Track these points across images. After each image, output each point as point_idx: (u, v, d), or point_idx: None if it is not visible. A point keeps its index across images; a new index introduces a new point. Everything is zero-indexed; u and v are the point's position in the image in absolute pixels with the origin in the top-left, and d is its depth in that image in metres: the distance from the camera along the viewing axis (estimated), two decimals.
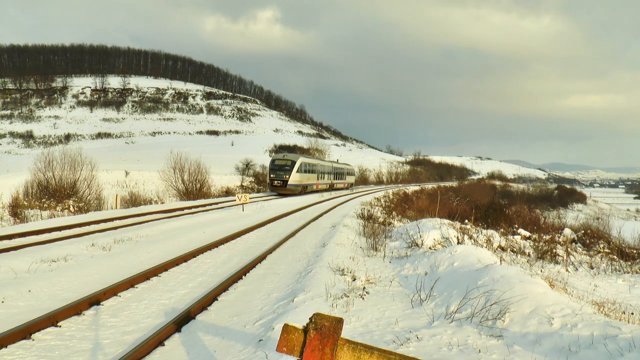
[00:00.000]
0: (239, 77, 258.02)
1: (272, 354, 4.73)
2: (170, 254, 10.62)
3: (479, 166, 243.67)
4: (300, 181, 37.91)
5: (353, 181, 66.83)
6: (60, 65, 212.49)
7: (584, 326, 5.30)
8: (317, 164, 44.60)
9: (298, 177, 37.33)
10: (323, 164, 47.66)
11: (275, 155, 41.53)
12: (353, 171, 67.58)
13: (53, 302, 6.72)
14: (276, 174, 36.80)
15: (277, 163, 37.69)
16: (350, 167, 65.26)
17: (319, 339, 2.31)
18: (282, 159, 38.30)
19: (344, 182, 58.79)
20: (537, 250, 12.80)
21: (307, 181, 40.29)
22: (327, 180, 48.50)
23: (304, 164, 39.39)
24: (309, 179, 40.73)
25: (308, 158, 43.12)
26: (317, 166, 44.33)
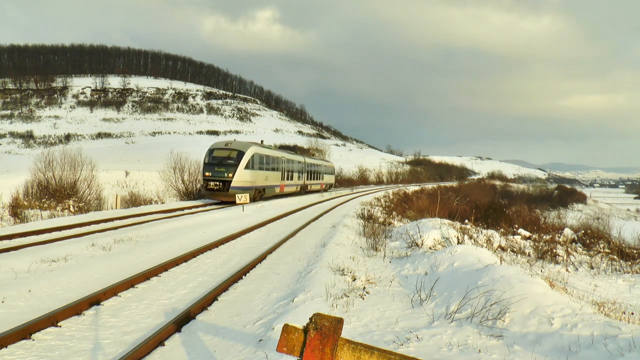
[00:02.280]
0: (239, 77, 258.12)
1: (272, 354, 4.73)
2: (171, 254, 10.62)
3: (479, 166, 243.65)
4: (252, 182, 26.30)
5: (333, 181, 56.62)
6: (60, 65, 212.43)
7: (584, 326, 5.30)
8: (281, 158, 32.85)
9: (248, 176, 25.79)
10: (291, 159, 35.92)
11: (216, 143, 27.56)
12: (332, 169, 56.59)
13: (53, 302, 6.72)
14: (214, 170, 24.90)
15: (217, 155, 25.77)
16: (328, 163, 54.05)
17: (319, 339, 2.31)
18: (224, 148, 26.12)
19: (321, 182, 47.88)
20: (537, 250, 12.80)
21: (265, 182, 28.67)
22: (296, 181, 37.40)
23: (259, 156, 27.60)
24: (268, 179, 29.41)
25: (266, 149, 30.17)
26: (280, 161, 32.45)
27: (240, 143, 27.24)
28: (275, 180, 31.35)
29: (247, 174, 25.67)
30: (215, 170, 24.96)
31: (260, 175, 27.65)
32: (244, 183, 25.27)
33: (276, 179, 31.45)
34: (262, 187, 28.37)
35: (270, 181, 30.14)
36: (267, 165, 29.11)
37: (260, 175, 27.80)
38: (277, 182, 31.76)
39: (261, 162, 28.02)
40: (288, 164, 34.72)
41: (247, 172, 25.72)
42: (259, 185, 27.65)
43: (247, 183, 25.65)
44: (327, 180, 51.08)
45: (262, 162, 28.31)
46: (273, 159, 30.74)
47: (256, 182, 27.02)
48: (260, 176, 27.79)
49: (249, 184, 25.88)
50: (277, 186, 31.79)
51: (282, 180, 32.90)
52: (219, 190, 24.58)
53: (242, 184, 25.15)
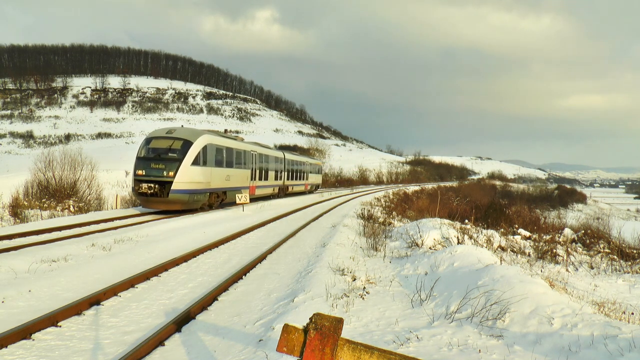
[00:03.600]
0: (239, 77, 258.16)
1: (272, 354, 4.73)
2: (171, 254, 10.62)
3: (479, 166, 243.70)
4: (205, 182, 19.65)
5: (319, 182, 50.23)
6: (60, 65, 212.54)
7: (584, 326, 5.30)
8: (250, 152, 25.99)
9: (199, 175, 19.15)
10: (265, 153, 29.29)
11: (155, 131, 20.86)
12: (319, 168, 50.05)
13: (53, 302, 6.72)
14: (148, 168, 18.47)
15: (155, 146, 19.16)
16: (314, 161, 47.76)
17: (319, 339, 2.31)
18: (164, 137, 19.46)
19: (305, 183, 41.72)
20: (537, 250, 12.80)
21: (226, 182, 22.17)
22: (272, 181, 31.06)
23: (215, 148, 20.84)
24: (231, 179, 22.87)
25: (226, 139, 22.95)
26: (249, 156, 25.75)
27: (187, 130, 20.35)
28: (242, 180, 24.72)
29: (196, 172, 18.88)
30: (151, 168, 18.32)
31: (218, 174, 21.04)
32: (191, 184, 18.64)
33: (243, 178, 24.88)
34: (221, 189, 21.80)
35: (234, 182, 23.45)
36: (228, 161, 22.58)
37: (219, 173, 21.16)
38: (245, 183, 25.25)
39: (219, 157, 21.30)
40: (261, 161, 28.27)
41: (197, 169, 18.94)
42: (216, 187, 21.03)
43: (197, 184, 19.03)
44: (312, 181, 45.14)
45: (221, 156, 21.56)
46: (238, 153, 24.10)
47: (212, 183, 20.40)
48: (219, 175, 21.16)
49: (200, 186, 19.32)
50: (245, 188, 25.17)
51: (252, 180, 26.47)
52: (154, 195, 17.95)
53: (189, 185, 18.52)
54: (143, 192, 18.15)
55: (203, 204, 20.28)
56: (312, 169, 44.99)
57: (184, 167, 18.41)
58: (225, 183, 22.09)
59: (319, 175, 49.50)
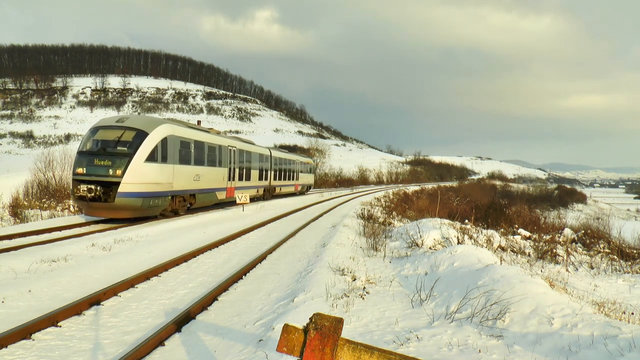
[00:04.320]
0: (239, 77, 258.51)
1: (272, 354, 4.73)
2: (171, 254, 10.63)
3: (479, 166, 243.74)
4: (165, 183, 16.34)
5: (311, 182, 46.59)
6: (60, 65, 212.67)
7: (584, 326, 5.30)
8: (227, 148, 22.22)
9: (156, 174, 15.78)
10: (246, 149, 25.29)
11: (102, 120, 17.21)
12: (311, 167, 45.94)
13: (53, 302, 6.72)
14: (91, 165, 15.05)
15: (101, 137, 15.72)
16: (305, 159, 43.70)
17: (319, 339, 2.31)
18: (113, 126, 15.92)
19: (295, 183, 38.11)
20: (537, 250, 12.80)
21: (194, 183, 18.75)
22: (256, 182, 27.33)
23: (179, 141, 17.38)
24: (202, 179, 19.35)
25: (194, 130, 19.20)
26: (225, 152, 21.98)
27: (143, 118, 17.04)
28: (217, 180, 20.95)
29: (152, 170, 15.40)
30: (94, 165, 14.79)
31: (183, 173, 17.46)
32: (145, 186, 15.15)
33: (218, 178, 21.09)
34: (188, 191, 18.27)
35: (206, 182, 19.81)
36: (198, 158, 18.89)
37: (184, 172, 17.58)
38: (221, 184, 21.46)
39: (185, 152, 17.70)
40: (241, 158, 24.43)
41: (153, 167, 15.44)
42: (180, 189, 17.50)
43: (154, 185, 15.56)
44: (303, 181, 41.34)
45: (188, 151, 17.95)
46: (211, 149, 20.22)
47: (175, 185, 16.92)
48: (184, 174, 17.61)
49: (159, 187, 15.85)
50: (221, 190, 21.56)
51: (230, 180, 22.68)
52: (96, 199, 14.47)
53: (143, 187, 15.04)
54: (81, 195, 14.58)
55: (163, 209, 16.94)
56: (304, 168, 41.63)
57: (135, 163, 14.84)
58: (193, 184, 18.62)
59: (311, 175, 45.93)
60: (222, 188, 21.74)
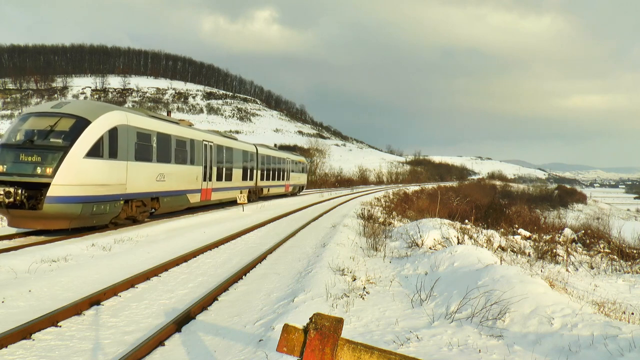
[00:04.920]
0: (239, 77, 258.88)
1: (272, 354, 4.73)
2: (171, 254, 10.63)
3: (479, 166, 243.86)
4: (115, 185, 13.25)
5: (304, 182, 43.44)
6: (60, 65, 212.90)
7: (584, 326, 5.30)
8: (200, 142, 19.17)
9: (100, 173, 12.60)
10: (226, 145, 22.32)
11: (36, 106, 15.14)
12: (303, 166, 42.61)
13: (53, 302, 6.72)
14: (14, 162, 11.65)
15: (30, 127, 12.36)
16: (297, 158, 40.25)
17: (319, 339, 2.31)
18: (47, 113, 12.67)
19: (285, 183, 35.05)
20: (537, 250, 12.80)
21: (156, 185, 15.62)
22: (239, 182, 24.34)
23: (135, 133, 14.30)
24: (167, 179, 16.27)
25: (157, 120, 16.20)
26: (197, 147, 18.82)
27: (85, 104, 13.90)
28: (188, 181, 17.89)
29: (96, 167, 12.37)
30: (18, 161, 11.66)
31: (141, 172, 14.44)
32: (86, 188, 12.08)
33: (190, 179, 18.05)
34: (148, 194, 15.09)
35: (174, 183, 16.70)
36: (162, 153, 15.79)
37: (143, 171, 14.54)
38: (193, 185, 18.40)
39: (144, 146, 14.62)
40: (220, 155, 21.33)
41: (97, 164, 12.41)
42: (138, 191, 14.36)
43: (98, 188, 12.50)
44: (295, 181, 38.33)
45: (148, 145, 14.86)
46: (180, 143, 17.16)
47: (129, 186, 13.84)
48: (143, 174, 14.57)
49: (105, 190, 12.76)
50: (194, 192, 18.52)
51: (206, 181, 19.69)
52: (17, 205, 11.38)
53: (82, 189, 11.96)
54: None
55: (115, 217, 13.84)
56: (295, 167, 38.50)
57: (72, 159, 11.70)
58: (156, 186, 15.44)
59: (303, 174, 42.58)
60: (195, 190, 18.69)
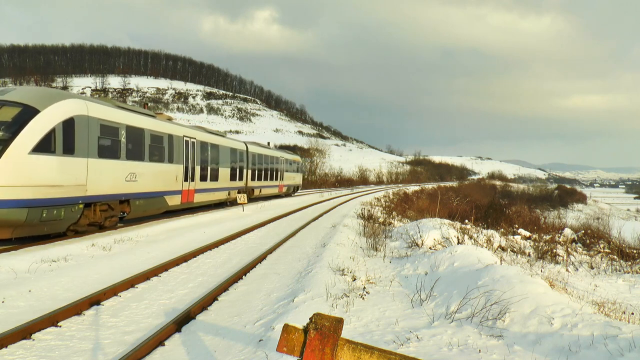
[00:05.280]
0: (239, 77, 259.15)
1: (272, 354, 4.73)
2: (171, 254, 10.63)
3: (479, 166, 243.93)
4: (71, 186, 11.27)
5: (299, 182, 41.47)
6: (60, 65, 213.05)
7: (584, 326, 5.30)
8: (180, 137, 17.39)
9: (50, 172, 10.62)
10: (210, 142, 20.35)
11: None
12: (298, 165, 40.60)
13: (53, 302, 6.72)
14: None
15: None
16: (291, 156, 38.22)
17: (319, 339, 2.31)
18: None
19: (279, 183, 33.17)
20: (537, 250, 12.80)
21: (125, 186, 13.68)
22: (226, 182, 22.33)
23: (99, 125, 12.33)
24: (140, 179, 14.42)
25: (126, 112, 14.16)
26: (176, 143, 17.01)
27: (34, 90, 11.76)
28: (164, 181, 15.89)
29: (45, 165, 10.61)
30: None
31: (106, 172, 12.63)
32: (34, 190, 10.32)
33: (168, 179, 16.12)
34: (115, 197, 13.14)
35: (148, 184, 14.80)
36: (133, 150, 13.95)
37: (108, 170, 12.72)
38: (172, 185, 16.46)
39: (110, 141, 12.88)
40: (204, 153, 19.46)
41: (47, 161, 10.66)
42: (102, 193, 12.50)
43: (49, 190, 10.70)
44: (289, 181, 36.28)
45: (114, 139, 13.04)
46: (155, 139, 15.28)
47: (90, 188, 12.05)
48: (109, 173, 12.74)
49: (59, 192, 11.00)
50: (173, 193, 16.57)
51: (187, 181, 17.74)
52: None
53: (28, 192, 10.20)
54: None
55: (73, 224, 11.95)
56: (289, 166, 36.35)
57: (13, 155, 9.90)
58: (125, 186, 13.50)
59: (298, 174, 40.45)
60: (174, 191, 16.59)
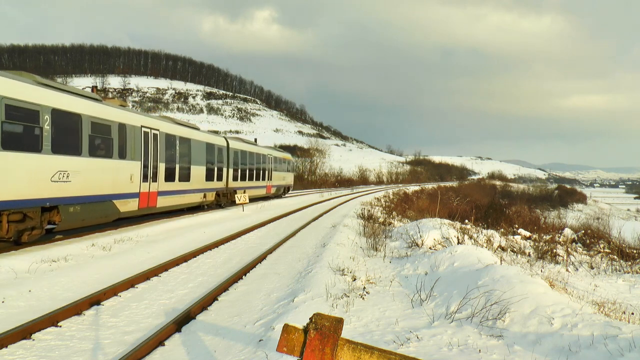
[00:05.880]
0: (239, 77, 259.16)
1: (272, 354, 4.73)
2: (171, 254, 10.63)
3: (479, 166, 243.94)
4: None
5: (290, 182, 37.39)
6: (60, 65, 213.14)
7: (584, 326, 5.29)
8: (137, 128, 14.12)
9: None
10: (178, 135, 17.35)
11: None
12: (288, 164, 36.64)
13: (53, 302, 6.72)
14: None
15: None
16: (280, 154, 34.30)
17: (319, 339, 2.31)
18: None
19: (267, 184, 29.76)
20: (538, 250, 12.80)
21: (47, 189, 10.28)
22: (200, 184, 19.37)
23: (3, 107, 8.85)
24: (74, 179, 11.15)
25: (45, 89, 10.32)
26: (130, 134, 13.70)
27: None
28: (113, 181, 13.03)
29: None
30: None
31: (19, 168, 9.68)
32: None
33: (118, 178, 13.25)
34: (34, 202, 10.13)
35: (89, 185, 12.00)
36: (65, 140, 11.14)
37: (22, 166, 9.76)
38: (124, 187, 13.53)
39: (22, 128, 9.88)
40: (170, 148, 16.30)
41: None
42: (11, 198, 9.49)
43: None
44: (278, 181, 32.51)
45: (30, 126, 10.01)
46: (99, 127, 12.45)
47: None
48: (23, 170, 9.80)
49: None
50: (127, 197, 13.65)
51: (147, 181, 14.73)
52: None
53: None
54: None
55: None
56: (279, 165, 32.74)
57: None
58: (52, 188, 10.58)
59: (289, 174, 36.78)
60: (129, 194, 13.36)
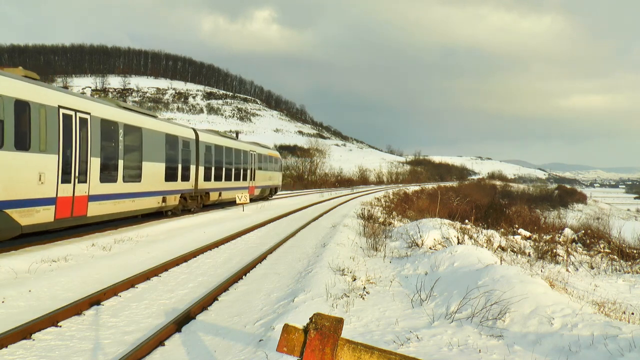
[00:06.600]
0: (239, 77, 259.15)
1: (272, 354, 4.73)
2: (171, 254, 10.63)
3: (479, 166, 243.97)
4: None
5: (278, 182, 33.60)
6: (60, 65, 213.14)
7: (584, 326, 5.29)
8: (43, 104, 9.78)
9: None
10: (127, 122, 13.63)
11: None
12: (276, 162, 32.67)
13: (53, 302, 6.72)
14: None
15: None
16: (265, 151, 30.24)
17: (319, 339, 2.31)
18: None
19: (249, 184, 25.80)
20: (538, 250, 12.80)
21: None
22: (158, 185, 15.76)
23: None
24: None
25: None
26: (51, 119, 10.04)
27: None
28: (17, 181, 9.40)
29: None
30: None
31: None
32: None
33: (14, 179, 9.29)
34: None
35: None
36: None
37: None
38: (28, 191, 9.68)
39: None
40: (111, 139, 13.07)
41: None
42: None
43: None
44: (263, 181, 28.46)
45: None
46: None
47: None
48: None
49: None
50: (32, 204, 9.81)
51: (69, 182, 11.12)
52: None
53: None
54: None
55: None
56: (264, 163, 28.79)
57: None
58: None
59: (276, 173, 32.43)
60: (37, 200, 10.06)
